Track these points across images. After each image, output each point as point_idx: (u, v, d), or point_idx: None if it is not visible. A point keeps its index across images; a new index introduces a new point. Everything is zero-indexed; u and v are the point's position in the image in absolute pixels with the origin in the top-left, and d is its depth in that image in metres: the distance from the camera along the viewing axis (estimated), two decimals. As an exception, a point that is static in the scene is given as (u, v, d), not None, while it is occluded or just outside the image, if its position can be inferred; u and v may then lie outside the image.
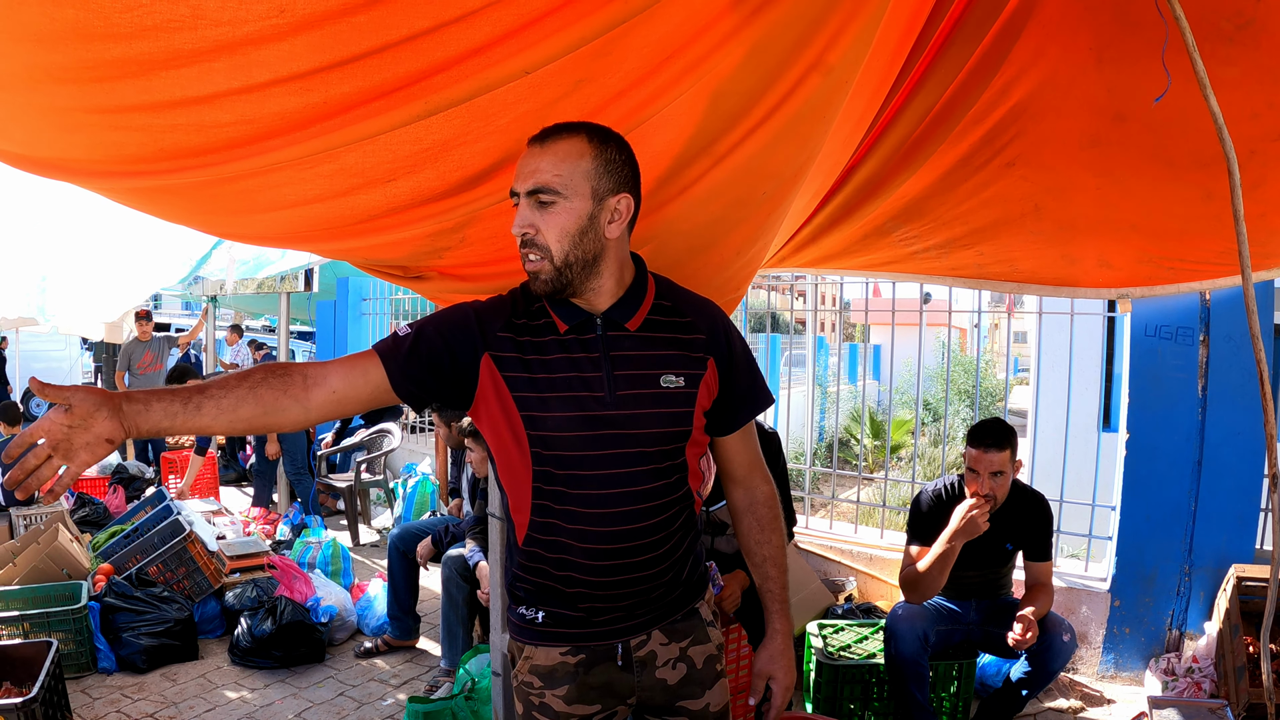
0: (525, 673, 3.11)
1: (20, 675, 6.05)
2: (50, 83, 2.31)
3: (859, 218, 4.94)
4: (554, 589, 3.00)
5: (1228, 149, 2.76)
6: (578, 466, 2.86)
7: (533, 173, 2.64)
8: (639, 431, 2.87)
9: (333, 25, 2.10)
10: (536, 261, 2.72)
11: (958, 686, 6.00)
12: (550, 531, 2.92)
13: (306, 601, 7.94)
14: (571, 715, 3.05)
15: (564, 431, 2.82)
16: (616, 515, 2.88)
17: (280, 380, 2.68)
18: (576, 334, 2.87)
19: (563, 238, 2.68)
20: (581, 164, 2.66)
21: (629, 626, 3.04)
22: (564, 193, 2.65)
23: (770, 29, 2.60)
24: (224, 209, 3.18)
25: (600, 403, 2.82)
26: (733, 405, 3.11)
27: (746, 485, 3.30)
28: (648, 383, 2.88)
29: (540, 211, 2.67)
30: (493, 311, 2.92)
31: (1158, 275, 5.74)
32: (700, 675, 3.15)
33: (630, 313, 2.90)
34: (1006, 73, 4.04)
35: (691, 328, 3.00)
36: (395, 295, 16.14)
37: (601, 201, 2.71)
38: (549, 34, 2.26)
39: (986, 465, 5.40)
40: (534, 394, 2.82)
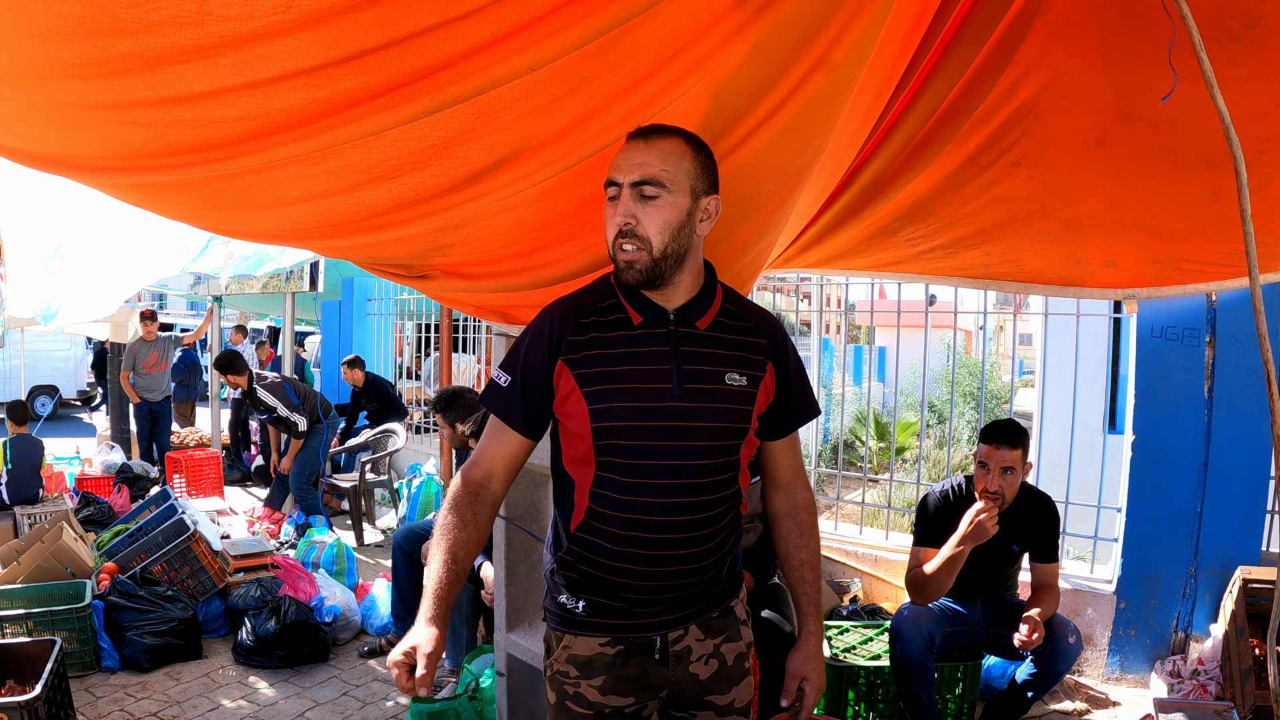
0: (562, 662, 3.17)
1: (24, 674, 6.04)
2: (55, 78, 2.31)
3: (865, 218, 4.94)
4: (599, 578, 3.07)
5: (1235, 149, 2.75)
6: (641, 455, 2.94)
7: (638, 165, 2.76)
8: (702, 425, 2.96)
9: (338, 21, 2.09)
10: (633, 252, 2.82)
11: (963, 688, 6.00)
12: (605, 520, 3.00)
13: (310, 601, 7.95)
14: (605, 706, 3.11)
15: (630, 420, 2.92)
16: (672, 505, 2.97)
17: (480, 507, 3.02)
18: (649, 327, 2.98)
19: (663, 230, 2.81)
20: (684, 162, 2.80)
21: (669, 620, 3.11)
22: (669, 187, 2.78)
23: (774, 26, 2.60)
24: (228, 205, 3.18)
25: (668, 394, 2.93)
26: (785, 412, 3.22)
27: (789, 491, 3.40)
28: (713, 379, 2.99)
29: (643, 204, 2.78)
30: (563, 316, 3.03)
31: (1164, 276, 5.73)
32: (730, 672, 3.23)
33: (701, 312, 3.02)
34: (1013, 72, 4.03)
35: (754, 332, 3.11)
36: (400, 295, 16.15)
37: (698, 200, 2.86)
38: (554, 31, 2.26)
39: (998, 460, 5.41)
40: (603, 386, 2.93)
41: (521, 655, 4.90)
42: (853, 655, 6.30)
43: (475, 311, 4.70)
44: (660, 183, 2.76)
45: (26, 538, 8.88)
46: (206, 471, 13.94)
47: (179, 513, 8.98)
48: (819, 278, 9.55)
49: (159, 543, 8.41)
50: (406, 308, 16.48)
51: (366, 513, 12.38)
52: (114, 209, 9.72)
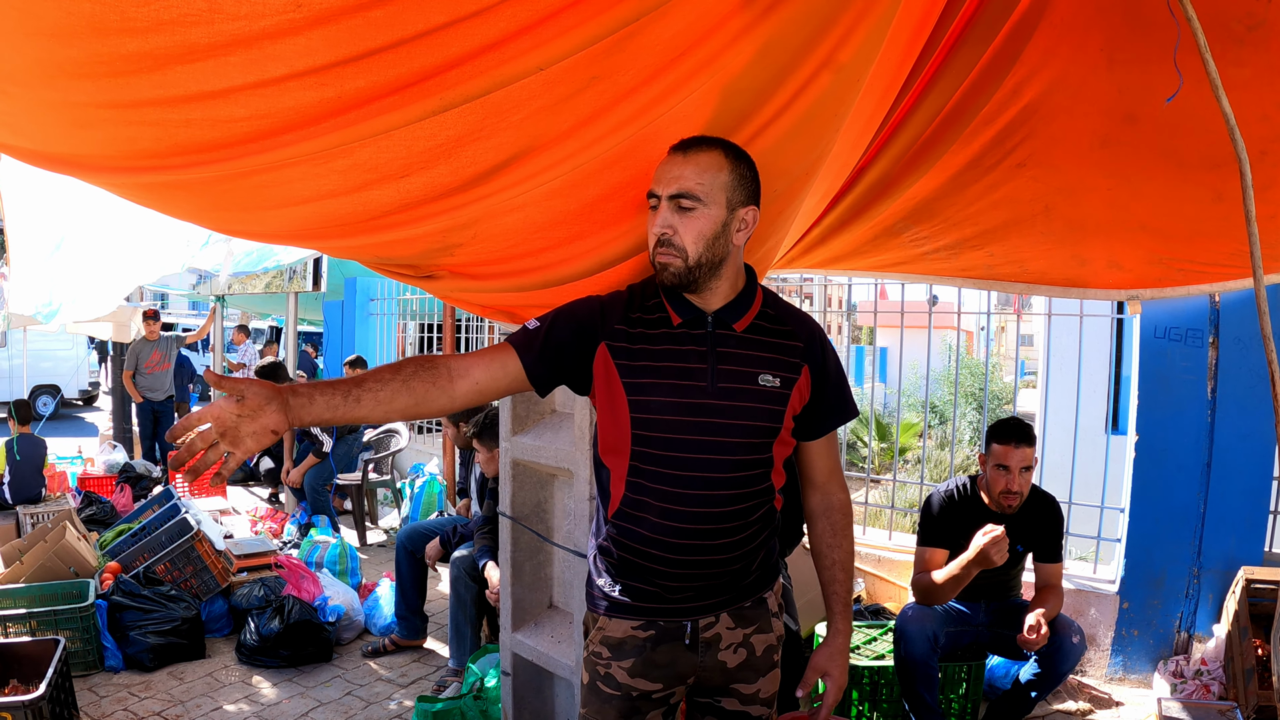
0: (596, 643, 3.30)
1: (27, 673, 6.06)
2: (64, 78, 2.30)
3: (869, 218, 4.94)
4: (634, 564, 3.18)
5: (1240, 150, 2.76)
6: (674, 448, 3.05)
7: (676, 179, 2.89)
8: (733, 422, 3.06)
9: (348, 20, 2.09)
10: (668, 258, 2.95)
11: (966, 688, 6.00)
12: (639, 508, 3.11)
13: (314, 601, 7.95)
14: (633, 689, 3.22)
15: (665, 414, 3.04)
16: (702, 498, 3.06)
17: (429, 373, 2.97)
18: (688, 328, 3.10)
19: (698, 240, 2.93)
20: (721, 175, 2.91)
21: (700, 607, 3.20)
22: (705, 200, 2.89)
23: (782, 27, 2.60)
24: (235, 205, 3.18)
25: (702, 391, 3.04)
26: (821, 413, 3.31)
27: (825, 491, 3.49)
28: (746, 379, 3.08)
29: (680, 215, 2.91)
30: (614, 305, 3.18)
31: (1168, 276, 5.73)
32: (758, 662, 3.32)
33: (739, 315, 3.14)
34: (1018, 73, 4.03)
35: (792, 335, 3.20)
36: (404, 295, 16.16)
37: (734, 211, 2.97)
38: (563, 30, 2.26)
39: (1018, 460, 5.45)
40: (641, 379, 3.07)
41: (527, 655, 4.91)
42: (856, 655, 6.30)
43: (482, 311, 4.71)
44: (695, 196, 2.87)
45: (29, 537, 8.89)
46: (209, 471, 13.93)
47: (182, 512, 8.99)
48: (821, 278, 9.55)
49: (162, 542, 8.41)
50: (409, 308, 16.48)
51: (369, 512, 12.38)
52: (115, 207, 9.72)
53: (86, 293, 11.44)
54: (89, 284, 11.29)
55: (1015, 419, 5.65)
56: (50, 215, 10.43)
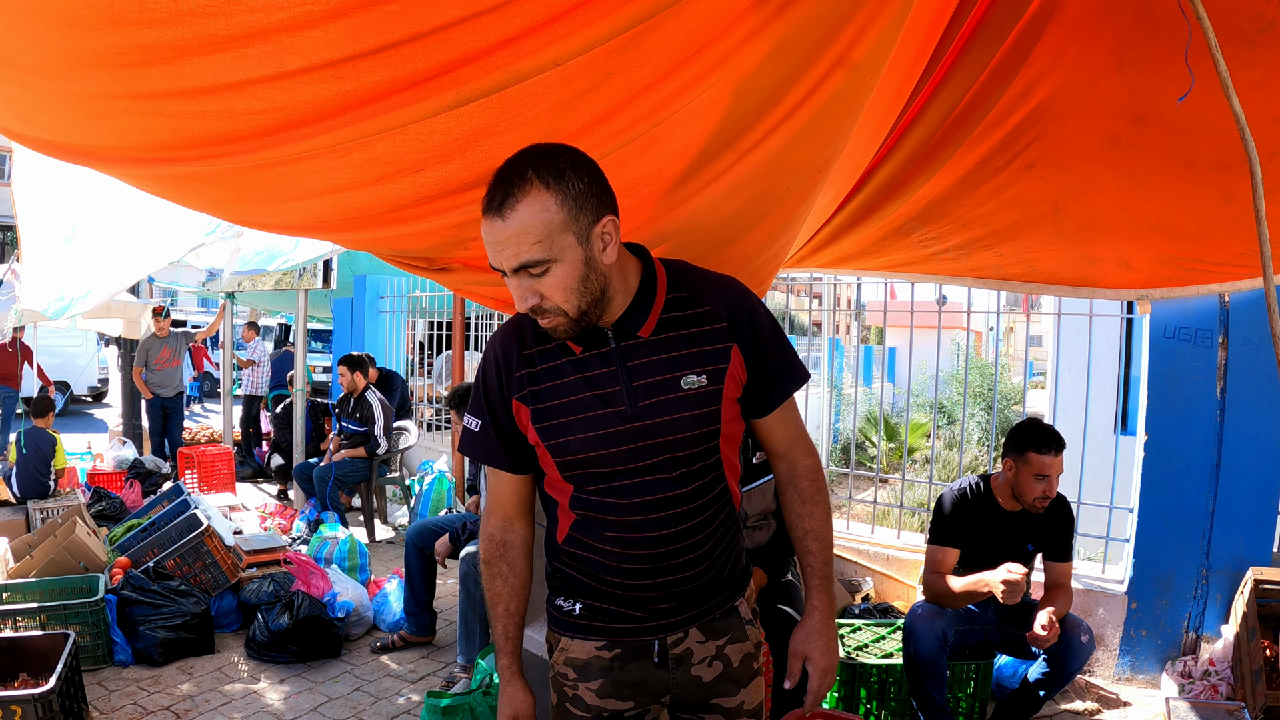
0: (561, 664, 3.14)
1: (37, 667, 6.07)
2: (83, 68, 2.32)
3: (879, 219, 4.95)
4: (591, 585, 3.04)
5: (1250, 150, 2.76)
6: (608, 480, 2.89)
7: (510, 252, 2.55)
8: (666, 439, 2.85)
9: (366, 13, 2.10)
10: (551, 319, 2.67)
11: (975, 687, 6.00)
12: (590, 535, 2.96)
13: (323, 597, 7.97)
14: (604, 710, 3.06)
15: (589, 451, 2.85)
16: (652, 521, 2.90)
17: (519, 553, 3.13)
18: (591, 349, 2.85)
19: (569, 294, 2.62)
20: (554, 219, 2.53)
21: (667, 624, 3.03)
22: (552, 255, 2.55)
23: (796, 25, 2.61)
24: (251, 197, 3.19)
25: (621, 417, 2.82)
26: (765, 386, 3.02)
27: (789, 459, 3.20)
28: (668, 387, 2.84)
29: (537, 280, 2.59)
30: (508, 354, 2.96)
31: (1177, 276, 5.74)
32: (736, 673, 3.13)
33: (642, 320, 2.85)
34: (1027, 74, 4.04)
35: (710, 317, 2.91)
36: (413, 293, 16.16)
37: (588, 239, 2.60)
38: (579, 26, 2.27)
39: (1056, 468, 5.45)
40: (556, 421, 2.87)
41: (535, 650, 4.90)
42: (865, 654, 6.30)
43: (494, 304, 4.72)
44: (540, 260, 2.55)
45: (39, 532, 8.92)
46: (218, 467, 14.00)
47: (192, 508, 9.02)
48: (830, 277, 9.55)
49: (172, 537, 8.44)
50: (419, 305, 16.47)
51: (378, 509, 12.40)
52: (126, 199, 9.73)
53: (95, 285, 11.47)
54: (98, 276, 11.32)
55: (1046, 426, 5.62)
56: (62, 209, 10.43)
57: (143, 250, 10.87)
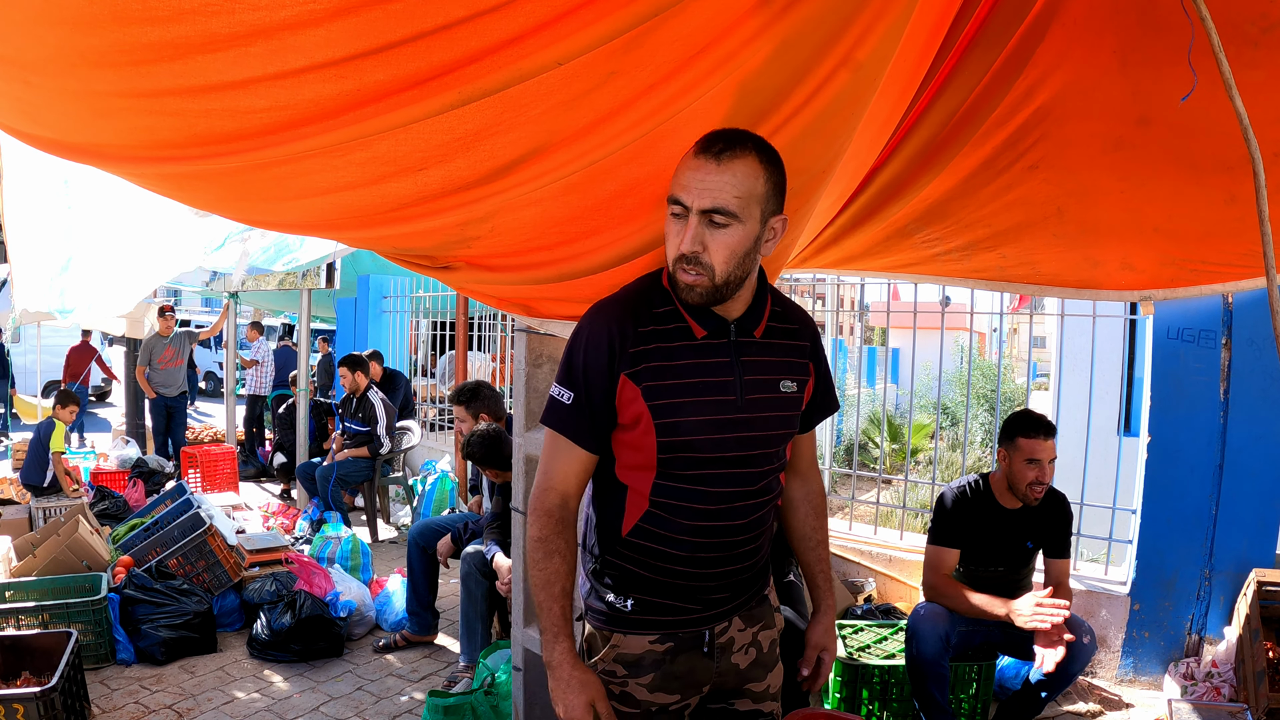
0: (609, 661, 3.20)
1: (39, 665, 6.09)
2: (85, 67, 2.32)
3: (881, 219, 4.95)
4: (651, 579, 3.13)
5: (1254, 152, 2.76)
6: (703, 466, 3.00)
7: (710, 191, 2.68)
8: (761, 434, 3.05)
9: (369, 12, 2.10)
10: (694, 277, 2.79)
11: (977, 688, 6.01)
12: (664, 525, 3.05)
13: (325, 596, 7.98)
14: (652, 704, 3.17)
15: (697, 434, 2.96)
16: (730, 510, 3.06)
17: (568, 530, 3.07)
18: (711, 338, 2.99)
19: (730, 259, 2.76)
20: (757, 186, 2.72)
21: (717, 614, 3.20)
22: (740, 216, 2.71)
23: (800, 24, 2.60)
24: (255, 196, 3.19)
25: (733, 406, 2.98)
26: (815, 406, 3.35)
27: (806, 479, 3.58)
28: (770, 387, 3.07)
29: (711, 231, 2.72)
30: (623, 328, 2.98)
31: (1180, 277, 5.74)
32: (765, 658, 3.35)
33: (757, 321, 3.06)
34: (1030, 75, 4.04)
35: (799, 334, 3.20)
36: (416, 293, 16.18)
37: (766, 223, 2.81)
38: (582, 25, 2.27)
39: (1048, 452, 5.49)
40: (669, 400, 2.95)
41: (539, 650, 4.91)
42: (867, 654, 6.30)
43: (497, 304, 4.72)
44: (732, 213, 2.69)
45: (42, 530, 8.93)
46: (221, 466, 14.03)
47: (195, 507, 9.04)
48: (834, 278, 9.55)
49: (175, 537, 8.46)
50: (422, 305, 16.49)
51: (381, 509, 12.41)
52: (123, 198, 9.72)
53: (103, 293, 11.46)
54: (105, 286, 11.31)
55: (1034, 412, 5.66)
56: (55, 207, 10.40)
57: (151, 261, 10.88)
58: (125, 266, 11.09)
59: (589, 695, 2.94)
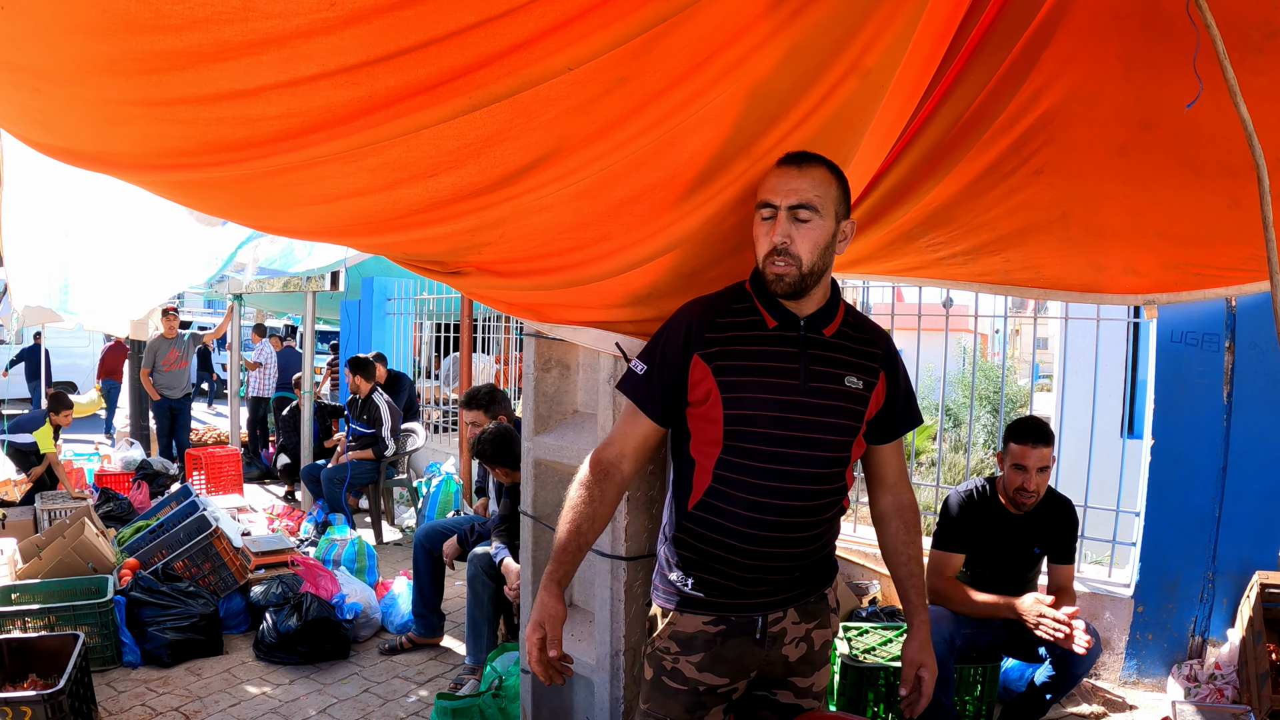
0: (665, 638, 3.44)
1: (46, 668, 6.09)
2: (97, 75, 2.33)
3: (886, 223, 4.95)
4: (711, 555, 3.33)
5: (1257, 157, 2.78)
6: (764, 442, 3.21)
7: (795, 190, 3.07)
8: (821, 420, 3.25)
9: (380, 19, 2.11)
10: (784, 267, 3.13)
11: (982, 690, 6.01)
12: (722, 499, 3.26)
13: (331, 598, 8.00)
14: (700, 683, 3.36)
15: (758, 410, 3.20)
16: (787, 490, 3.22)
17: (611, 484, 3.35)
18: (781, 330, 3.28)
19: (814, 250, 3.13)
20: (832, 189, 3.12)
21: (772, 602, 3.37)
22: (821, 211, 3.09)
23: (809, 31, 2.62)
24: (266, 202, 3.20)
25: (795, 390, 3.22)
26: (894, 418, 3.52)
27: (895, 492, 3.69)
28: (834, 380, 3.28)
29: (796, 225, 3.10)
30: (704, 316, 3.34)
31: (1184, 281, 5.75)
32: (815, 656, 3.52)
33: (828, 321, 3.34)
34: (1035, 81, 4.05)
35: (871, 343, 3.42)
36: (420, 295, 16.19)
37: (839, 224, 3.19)
38: (591, 30, 2.28)
39: (1036, 460, 5.48)
40: (736, 377, 3.22)
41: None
42: (872, 656, 6.30)
43: (507, 308, 4.72)
44: (814, 207, 3.07)
45: (47, 533, 8.94)
46: (226, 468, 14.02)
47: (200, 509, 9.04)
48: (837, 280, 9.56)
49: (180, 539, 8.47)
50: (426, 307, 16.50)
51: (386, 511, 12.41)
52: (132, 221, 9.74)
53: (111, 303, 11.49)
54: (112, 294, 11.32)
55: (1034, 418, 5.70)
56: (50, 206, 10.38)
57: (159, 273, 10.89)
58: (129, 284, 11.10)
59: (542, 616, 3.17)
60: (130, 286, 11.22)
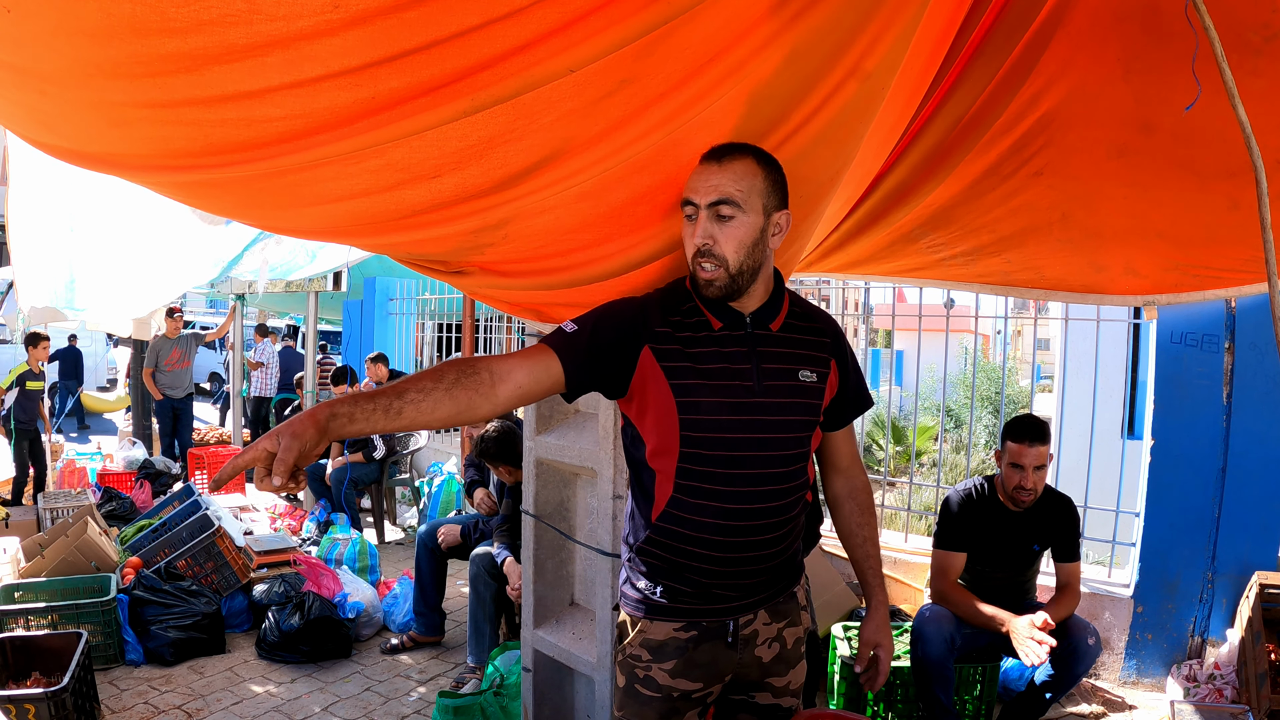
0: (636, 645, 3.35)
1: (49, 666, 6.11)
2: (102, 77, 2.33)
3: (886, 225, 4.96)
4: (678, 564, 3.24)
5: (1256, 158, 2.78)
6: (723, 447, 3.11)
7: (714, 187, 2.93)
8: (780, 418, 3.18)
9: (384, 21, 2.12)
10: (711, 270, 3.01)
11: (981, 689, 6.03)
12: (686, 509, 3.15)
13: (334, 598, 8.02)
14: (674, 690, 3.29)
15: (716, 415, 3.09)
16: (752, 494, 3.14)
17: (472, 379, 2.87)
18: (728, 330, 3.16)
19: (739, 249, 2.99)
20: (756, 181, 2.96)
21: (741, 605, 3.29)
22: (743, 206, 2.94)
23: (810, 34, 2.62)
24: (270, 203, 3.21)
25: (749, 391, 3.11)
26: (845, 404, 3.50)
27: (848, 475, 3.72)
28: (788, 376, 3.20)
29: (719, 224, 2.96)
30: (651, 307, 3.20)
31: (1184, 282, 5.76)
32: (789, 655, 3.45)
33: (774, 315, 3.24)
34: (1035, 83, 4.06)
35: (820, 332, 3.36)
36: (423, 295, 16.21)
37: (769, 216, 3.03)
38: (593, 33, 2.29)
39: (1032, 459, 5.53)
40: (690, 381, 3.09)
41: (548, 651, 4.93)
42: (873, 655, 6.33)
43: (509, 309, 4.73)
44: (735, 202, 2.92)
45: (50, 532, 8.96)
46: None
47: (203, 509, 9.05)
48: (839, 281, 9.57)
49: (183, 538, 8.49)
50: (428, 308, 16.51)
51: (388, 511, 12.41)
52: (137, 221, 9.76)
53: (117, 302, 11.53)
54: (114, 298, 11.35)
55: (1030, 416, 5.74)
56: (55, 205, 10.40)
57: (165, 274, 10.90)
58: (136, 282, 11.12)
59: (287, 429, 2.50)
60: (136, 284, 11.24)
